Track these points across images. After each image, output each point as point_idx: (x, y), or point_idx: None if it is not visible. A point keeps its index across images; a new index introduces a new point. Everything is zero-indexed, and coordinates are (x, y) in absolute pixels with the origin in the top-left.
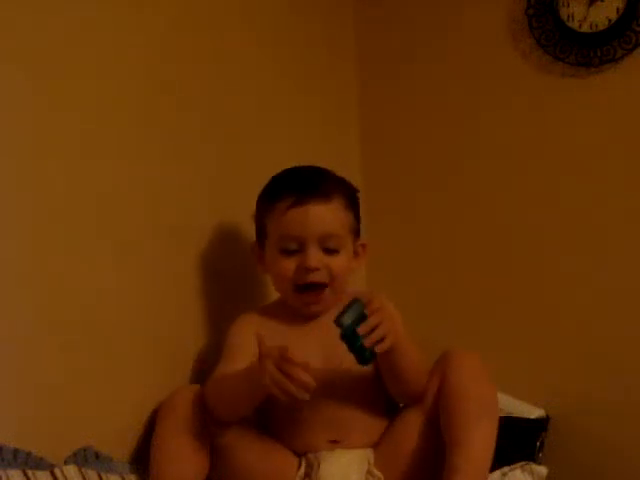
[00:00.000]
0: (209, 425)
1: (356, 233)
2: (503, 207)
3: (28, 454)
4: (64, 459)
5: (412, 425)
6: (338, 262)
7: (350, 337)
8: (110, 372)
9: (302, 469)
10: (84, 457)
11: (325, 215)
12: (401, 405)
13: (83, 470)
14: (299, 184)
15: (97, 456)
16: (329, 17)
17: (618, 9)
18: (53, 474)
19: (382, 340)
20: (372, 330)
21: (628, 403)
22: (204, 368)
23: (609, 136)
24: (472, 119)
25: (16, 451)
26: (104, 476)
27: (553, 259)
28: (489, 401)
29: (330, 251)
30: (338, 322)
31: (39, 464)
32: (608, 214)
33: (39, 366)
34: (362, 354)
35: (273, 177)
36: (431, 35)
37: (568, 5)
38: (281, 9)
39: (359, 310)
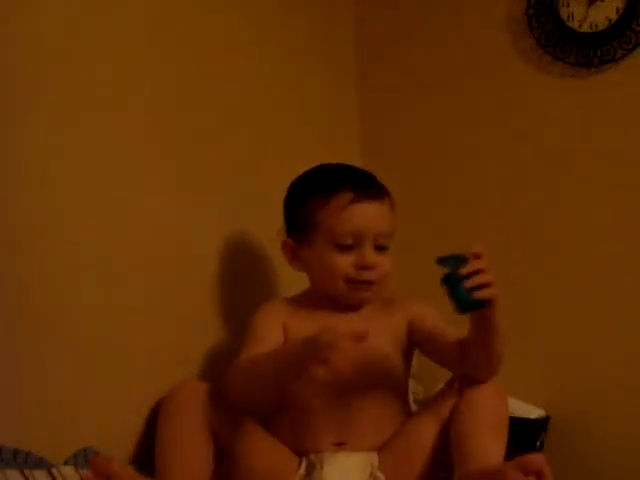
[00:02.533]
0: (211, 421)
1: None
2: (503, 207)
3: (28, 454)
4: (64, 459)
5: (424, 433)
6: (388, 261)
7: (450, 279)
8: (110, 372)
9: (302, 468)
10: (84, 457)
11: (381, 214)
12: (414, 410)
13: (81, 471)
14: (356, 180)
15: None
16: (329, 17)
17: (618, 9)
18: (51, 474)
19: (483, 288)
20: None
21: (628, 403)
22: (206, 367)
23: (609, 136)
24: (472, 119)
25: (16, 451)
26: None
27: (553, 259)
28: (502, 421)
29: (381, 250)
30: (441, 262)
31: (38, 464)
32: (608, 213)
33: (39, 366)
34: (461, 299)
35: (314, 173)
36: (431, 35)
37: (568, 5)
38: (281, 10)
39: (462, 258)
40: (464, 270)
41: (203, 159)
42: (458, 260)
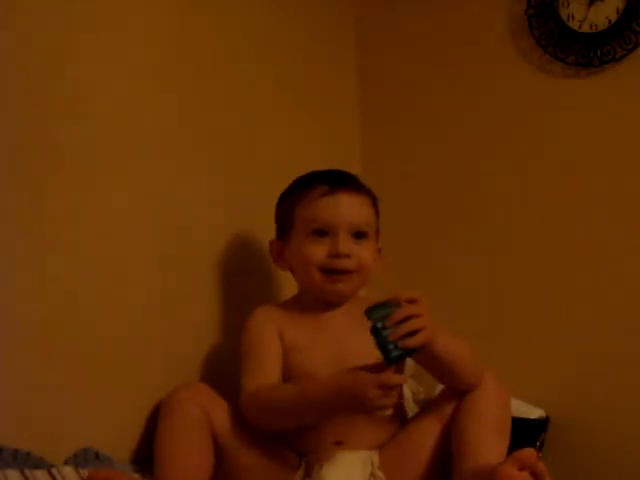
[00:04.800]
0: (211, 422)
1: (376, 235)
2: (503, 207)
3: (28, 454)
4: (64, 459)
5: (425, 433)
6: (366, 252)
7: (377, 330)
8: (111, 372)
9: (302, 468)
10: (84, 458)
11: (356, 206)
12: (414, 410)
13: (82, 471)
14: (331, 176)
15: (97, 456)
16: (329, 17)
17: (618, 9)
18: (51, 473)
19: (412, 335)
20: (401, 323)
21: (628, 403)
22: (206, 367)
23: (609, 136)
24: (472, 119)
25: (16, 451)
26: None
27: (554, 260)
28: (504, 421)
29: (359, 241)
30: (367, 313)
31: (38, 464)
32: (609, 213)
33: (39, 366)
34: (386, 351)
35: (296, 178)
36: (431, 35)
37: (568, 5)
38: (283, 14)
39: (394, 306)
40: (388, 322)
41: (203, 160)
42: (388, 308)
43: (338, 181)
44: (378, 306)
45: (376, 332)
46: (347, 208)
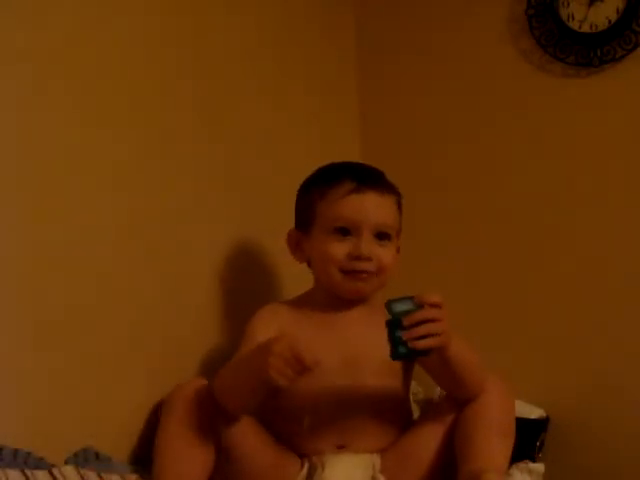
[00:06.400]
0: (213, 422)
1: (398, 234)
2: (503, 207)
3: (28, 454)
4: (65, 459)
5: (428, 437)
6: (388, 254)
7: (392, 324)
8: (110, 372)
9: (304, 470)
10: (84, 458)
11: (382, 207)
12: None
13: (82, 471)
14: (359, 173)
15: (97, 456)
16: (329, 16)
17: (618, 9)
18: (51, 474)
19: (425, 338)
20: (417, 324)
21: (628, 403)
22: (207, 367)
23: (609, 136)
24: (472, 119)
25: (16, 451)
26: (105, 476)
27: (554, 261)
28: (508, 423)
29: (382, 243)
30: (388, 305)
31: (39, 464)
32: (609, 213)
33: (39, 366)
34: (395, 346)
35: (321, 168)
36: (432, 35)
37: (568, 5)
38: (282, 11)
39: (416, 305)
40: (407, 320)
41: (203, 159)
42: (409, 305)
43: (366, 179)
44: (400, 300)
45: (391, 326)
46: (373, 209)
